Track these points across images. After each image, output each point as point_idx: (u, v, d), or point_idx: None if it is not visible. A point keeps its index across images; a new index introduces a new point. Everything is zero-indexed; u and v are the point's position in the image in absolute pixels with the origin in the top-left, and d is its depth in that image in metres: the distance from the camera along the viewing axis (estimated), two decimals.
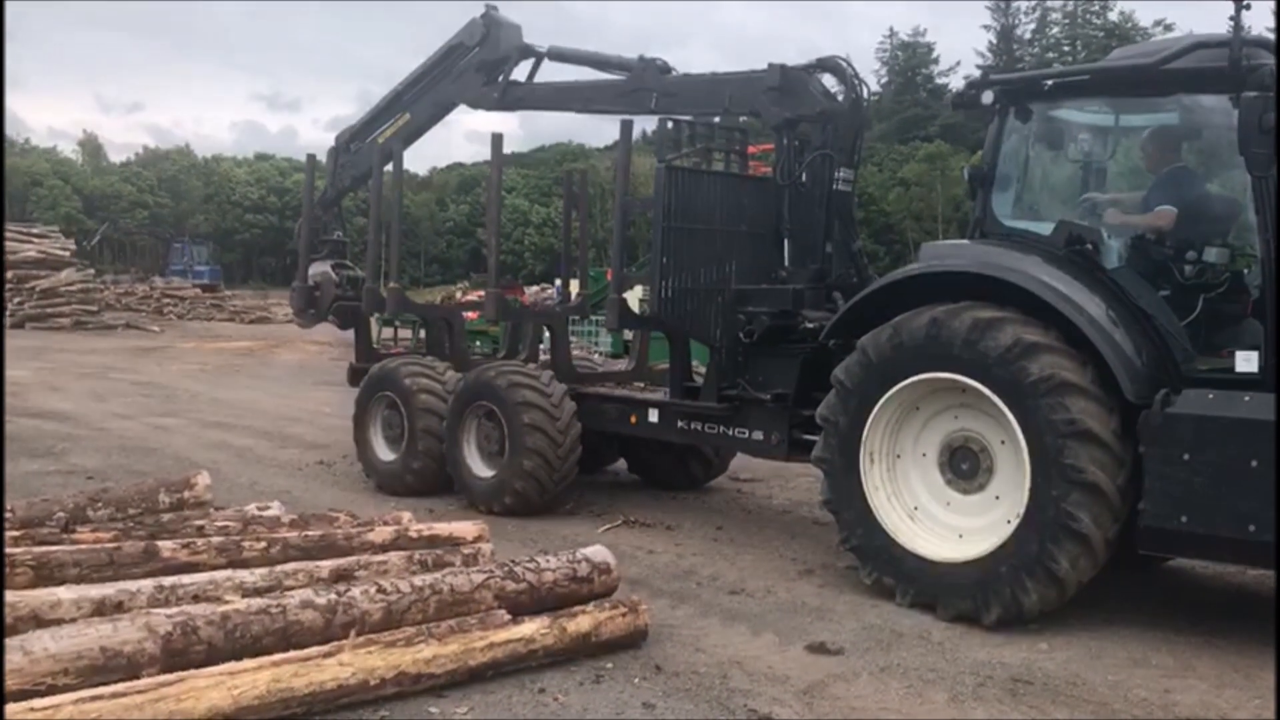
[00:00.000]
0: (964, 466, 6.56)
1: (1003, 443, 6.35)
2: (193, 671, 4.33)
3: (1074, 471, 5.83)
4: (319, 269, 11.38)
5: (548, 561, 5.83)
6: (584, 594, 5.80)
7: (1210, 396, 5.80)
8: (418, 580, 5.35)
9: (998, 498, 6.42)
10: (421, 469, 9.47)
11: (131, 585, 5.04)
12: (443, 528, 6.65)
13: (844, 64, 8.62)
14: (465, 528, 6.66)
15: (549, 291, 39.13)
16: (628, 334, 16.51)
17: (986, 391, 6.18)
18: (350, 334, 11.55)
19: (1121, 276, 6.40)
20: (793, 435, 7.81)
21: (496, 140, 9.71)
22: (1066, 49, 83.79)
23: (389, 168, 10.67)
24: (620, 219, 8.98)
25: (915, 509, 6.71)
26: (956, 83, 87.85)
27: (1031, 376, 5.96)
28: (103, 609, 4.77)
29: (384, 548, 6.17)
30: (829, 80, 8.63)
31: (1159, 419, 5.82)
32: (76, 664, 4.18)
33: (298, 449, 12.12)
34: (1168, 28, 79.25)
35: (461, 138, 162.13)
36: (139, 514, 6.78)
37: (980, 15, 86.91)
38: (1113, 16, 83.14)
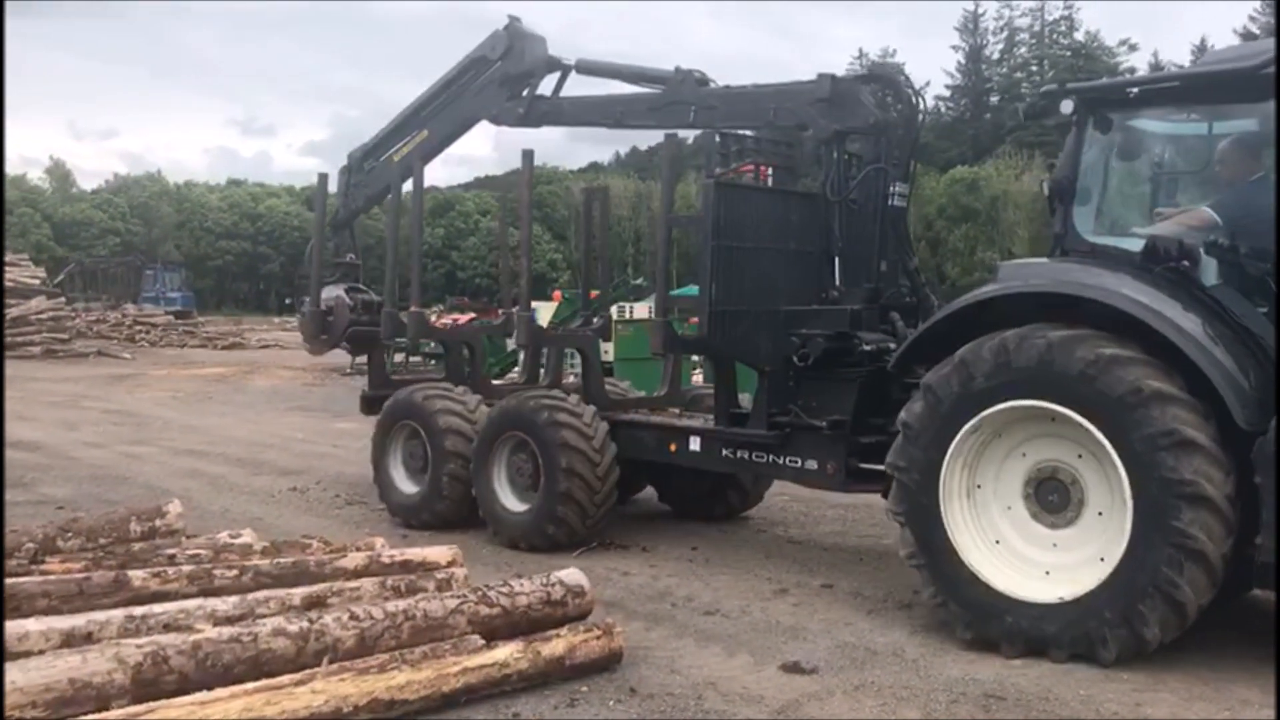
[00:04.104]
0: (1051, 498, 6.19)
1: (1101, 514, 6.01)
2: (164, 702, 4.31)
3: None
4: (332, 293, 10.93)
5: (521, 585, 5.83)
6: (558, 617, 5.80)
7: None
8: (391, 606, 5.34)
9: (1055, 545, 6.18)
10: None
11: (101, 615, 5.01)
12: (415, 553, 6.63)
13: (898, 74, 8.27)
14: (438, 552, 6.64)
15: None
16: (607, 355, 16.52)
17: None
18: (321, 359, 11.39)
19: (1220, 293, 6.01)
20: (850, 464, 7.41)
21: (527, 157, 9.29)
22: (1034, 69, 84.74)
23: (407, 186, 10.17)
24: (665, 238, 8.62)
25: (979, 486, 6.37)
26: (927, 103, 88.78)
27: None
28: (72, 640, 4.73)
29: (357, 574, 6.15)
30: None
31: (1275, 447, 5.44)
32: (44, 696, 4.16)
33: (270, 475, 12.05)
34: (1133, 47, 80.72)
35: (435, 161, 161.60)
36: (110, 544, 6.73)
37: (949, 36, 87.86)
38: (1079, 36, 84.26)
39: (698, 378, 18.16)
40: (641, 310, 21.04)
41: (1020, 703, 5.31)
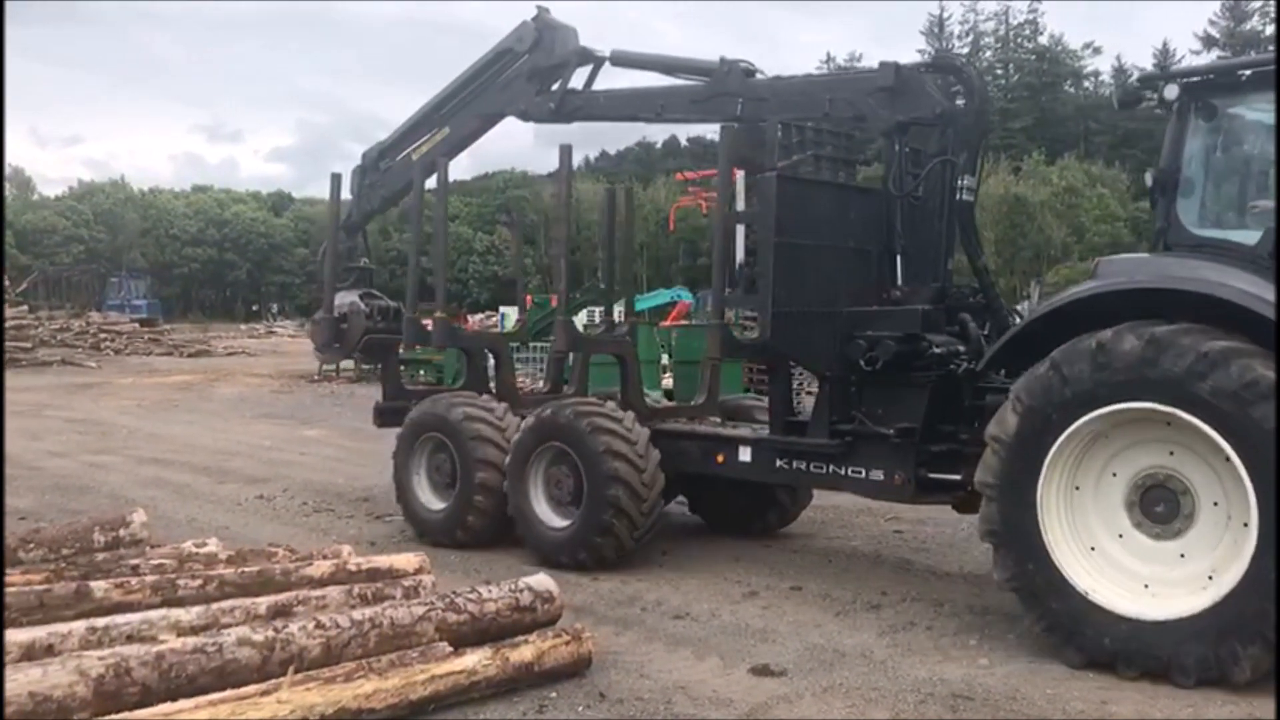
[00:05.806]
0: (1157, 508, 5.84)
1: (1183, 556, 5.75)
2: (126, 714, 4.28)
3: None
4: (346, 299, 10.45)
5: (489, 591, 5.81)
6: (527, 623, 5.79)
7: None
8: (357, 614, 5.31)
9: (1120, 536, 5.94)
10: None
11: (63, 627, 4.96)
12: (382, 560, 6.60)
13: (963, 63, 7.99)
14: (406, 559, 6.62)
15: (493, 320, 39.10)
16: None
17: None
18: (288, 366, 11.22)
19: None
20: (920, 474, 7.01)
21: (565, 152, 8.84)
22: (999, 72, 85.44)
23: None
24: (722, 237, 8.01)
25: (1105, 435, 5.96)
26: None
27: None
28: (32, 653, 4.68)
29: (323, 582, 6.12)
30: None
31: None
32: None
33: (237, 484, 11.95)
34: (1097, 50, 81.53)
35: None
36: (73, 554, 6.66)
37: (915, 40, 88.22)
38: (1043, 40, 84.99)
39: (668, 380, 18.15)
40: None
41: (988, 702, 5.34)
